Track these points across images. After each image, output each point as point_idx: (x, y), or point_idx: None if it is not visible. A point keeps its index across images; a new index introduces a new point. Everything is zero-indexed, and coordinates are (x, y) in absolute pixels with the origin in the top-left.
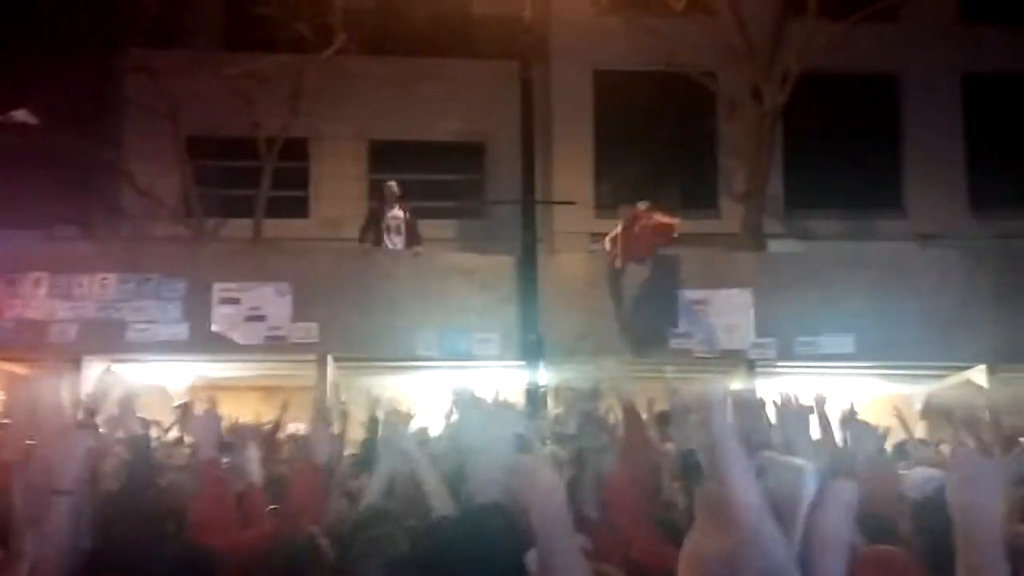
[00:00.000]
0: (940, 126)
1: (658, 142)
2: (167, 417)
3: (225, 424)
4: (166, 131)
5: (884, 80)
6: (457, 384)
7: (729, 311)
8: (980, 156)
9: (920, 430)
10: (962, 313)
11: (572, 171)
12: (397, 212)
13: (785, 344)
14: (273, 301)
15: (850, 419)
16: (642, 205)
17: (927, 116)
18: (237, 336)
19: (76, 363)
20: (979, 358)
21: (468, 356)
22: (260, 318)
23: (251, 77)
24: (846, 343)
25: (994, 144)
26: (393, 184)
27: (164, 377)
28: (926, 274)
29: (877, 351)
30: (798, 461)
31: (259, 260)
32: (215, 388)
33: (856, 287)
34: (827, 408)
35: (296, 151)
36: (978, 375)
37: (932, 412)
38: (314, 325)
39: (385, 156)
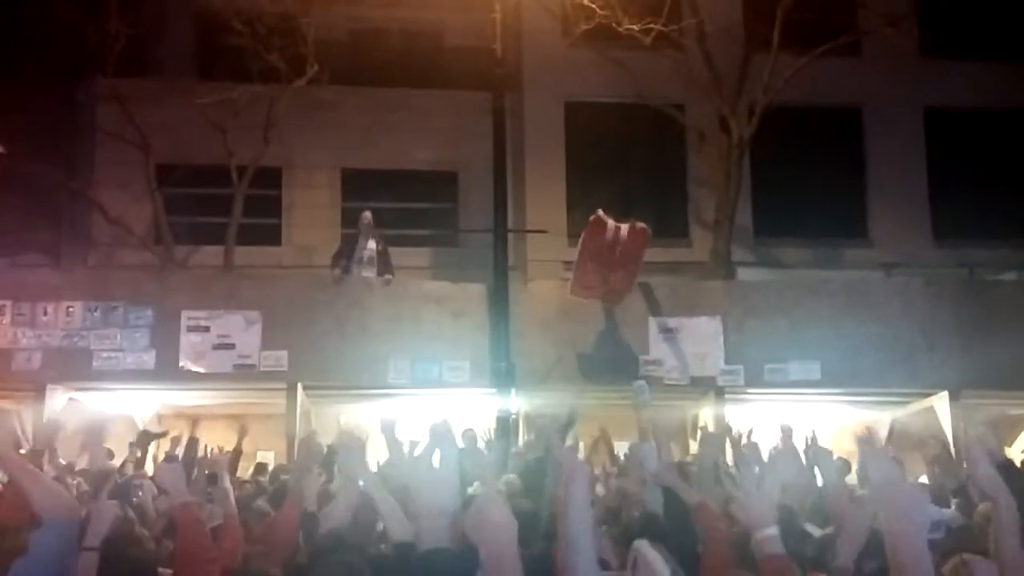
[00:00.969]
0: (903, 158)
1: (628, 172)
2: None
3: (201, 454)
4: (137, 160)
5: (848, 112)
6: (434, 419)
7: (699, 339)
8: (942, 188)
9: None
10: (925, 341)
11: (544, 200)
12: (371, 244)
13: (754, 371)
14: (242, 329)
15: (813, 448)
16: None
17: (890, 148)
18: (205, 365)
19: (41, 392)
20: (942, 385)
21: (439, 383)
22: (229, 346)
23: (223, 106)
24: (813, 370)
25: (956, 176)
26: (368, 215)
27: (131, 405)
28: (890, 302)
29: (843, 378)
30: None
31: (229, 288)
32: (183, 416)
33: (822, 315)
34: (794, 438)
35: (269, 179)
36: (941, 402)
37: (898, 438)
38: (284, 353)
39: (358, 185)
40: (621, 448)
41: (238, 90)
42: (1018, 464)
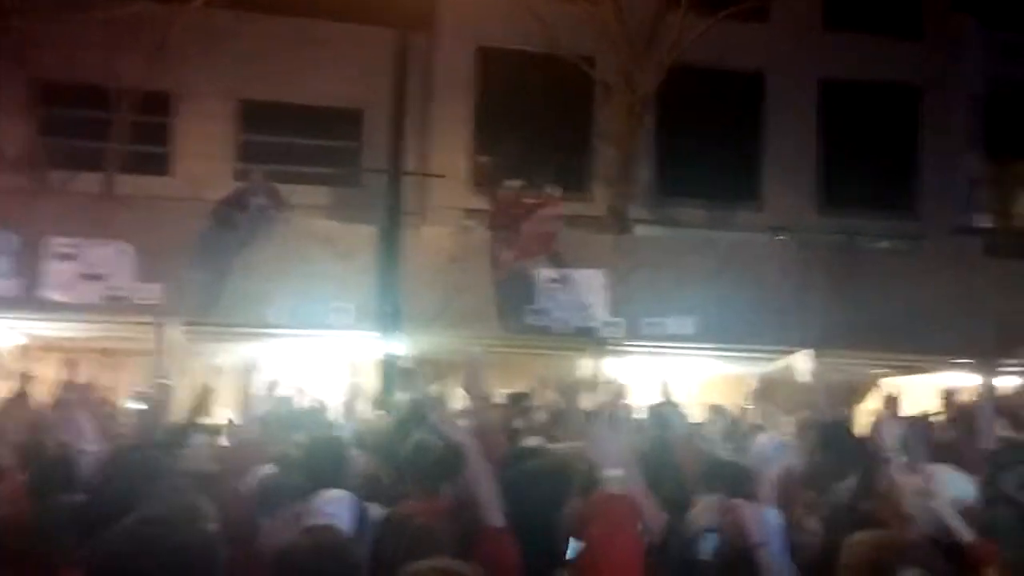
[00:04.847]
0: (798, 126)
1: (536, 123)
2: None
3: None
4: (13, 74)
5: (750, 78)
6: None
7: (584, 290)
8: (831, 157)
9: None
10: (795, 301)
11: (450, 146)
12: (262, 200)
13: (634, 325)
14: (114, 260)
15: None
16: (513, 184)
17: (787, 116)
18: (71, 296)
19: None
20: (807, 343)
21: (323, 325)
22: (97, 277)
23: (112, 24)
24: (686, 324)
25: (845, 147)
26: (262, 173)
27: None
28: (767, 264)
29: (716, 334)
30: None
31: (103, 216)
32: (52, 349)
33: (705, 273)
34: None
35: (158, 106)
36: (803, 359)
37: (762, 391)
38: (157, 287)
39: (256, 117)
40: (501, 395)
41: (129, 7)
42: (870, 420)
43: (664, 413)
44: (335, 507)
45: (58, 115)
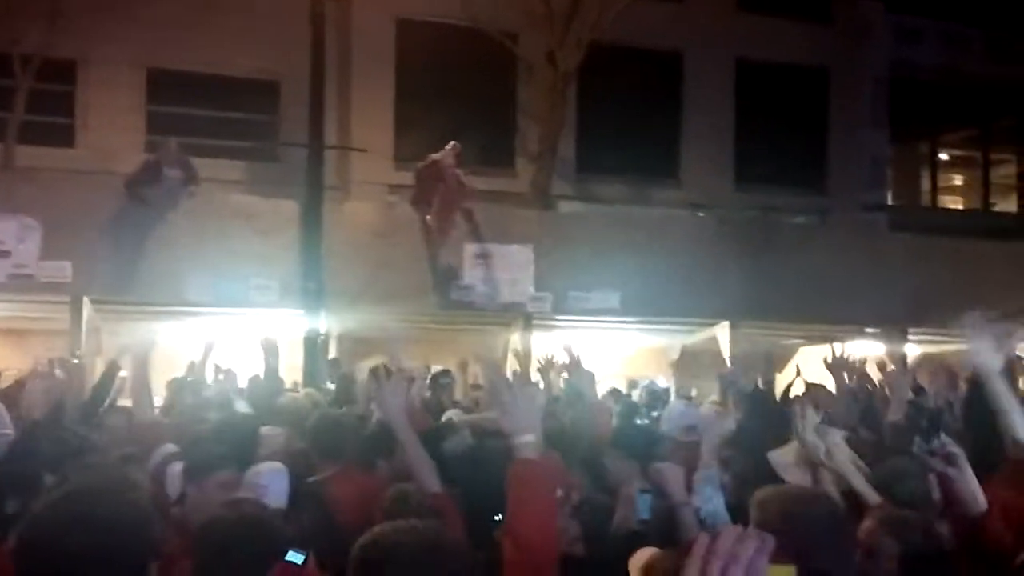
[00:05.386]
0: (714, 105)
1: (459, 98)
2: None
3: None
4: None
5: (669, 57)
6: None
7: (510, 265)
8: (747, 136)
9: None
10: (713, 275)
11: (371, 120)
12: (174, 173)
13: (560, 299)
14: (18, 236)
15: (574, 367)
16: (449, 147)
17: (704, 95)
18: None
19: None
20: (724, 315)
21: (244, 302)
22: (3, 254)
23: None
24: (612, 299)
25: (760, 126)
26: (174, 143)
27: None
28: (687, 239)
29: (639, 307)
30: None
31: (6, 190)
32: None
33: (627, 248)
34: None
35: (62, 74)
36: (722, 330)
37: (684, 361)
38: (67, 264)
39: (167, 87)
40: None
41: None
42: (785, 389)
43: (578, 382)
44: (268, 479)
45: None
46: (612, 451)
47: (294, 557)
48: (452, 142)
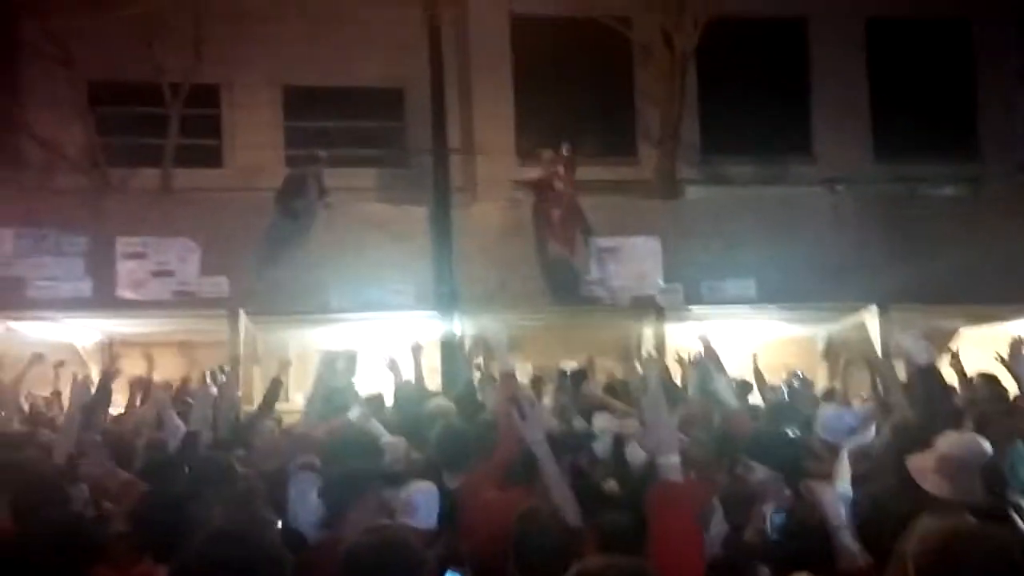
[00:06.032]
0: (846, 72)
1: (576, 89)
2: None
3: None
4: (67, 77)
5: (792, 24)
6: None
7: (637, 258)
8: (884, 102)
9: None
10: (856, 255)
11: (492, 119)
12: (319, 187)
13: (692, 289)
14: (179, 256)
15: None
16: (564, 148)
17: (833, 61)
18: (144, 293)
19: None
20: (871, 299)
21: (382, 307)
22: (168, 273)
23: (151, 18)
24: (748, 286)
25: (897, 90)
26: (322, 155)
27: (71, 335)
28: (824, 218)
29: (777, 294)
30: None
31: (165, 213)
32: (126, 345)
33: (761, 231)
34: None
35: (206, 98)
36: (870, 315)
37: (832, 353)
38: (223, 279)
39: (301, 103)
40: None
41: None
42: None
43: (713, 381)
44: (418, 499)
45: (112, 113)
46: (750, 460)
47: None
48: (564, 145)
